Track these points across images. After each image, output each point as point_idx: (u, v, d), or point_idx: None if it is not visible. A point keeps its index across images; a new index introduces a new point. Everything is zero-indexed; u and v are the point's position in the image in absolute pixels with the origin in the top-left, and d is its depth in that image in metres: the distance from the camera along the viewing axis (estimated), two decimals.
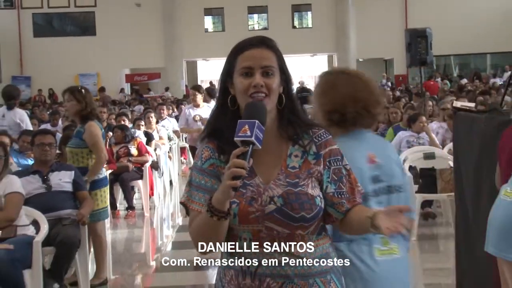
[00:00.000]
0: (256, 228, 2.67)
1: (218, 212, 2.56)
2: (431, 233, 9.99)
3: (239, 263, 2.72)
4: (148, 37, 35.96)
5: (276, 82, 2.72)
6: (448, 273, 7.60)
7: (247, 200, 2.66)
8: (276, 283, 2.68)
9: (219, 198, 2.55)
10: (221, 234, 2.66)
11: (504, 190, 4.08)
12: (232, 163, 2.49)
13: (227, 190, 2.50)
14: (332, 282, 2.75)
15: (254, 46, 2.75)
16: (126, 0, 35.68)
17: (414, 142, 10.86)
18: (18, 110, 12.03)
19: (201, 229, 2.66)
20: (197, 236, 2.69)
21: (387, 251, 3.53)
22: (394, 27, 35.00)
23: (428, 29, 19.08)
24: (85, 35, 36.78)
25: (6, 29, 35.91)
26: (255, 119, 2.55)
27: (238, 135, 2.53)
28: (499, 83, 25.76)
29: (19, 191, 6.71)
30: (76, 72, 36.04)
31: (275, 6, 36.28)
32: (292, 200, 2.65)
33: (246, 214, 2.65)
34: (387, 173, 3.60)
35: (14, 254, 6.25)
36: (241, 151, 2.50)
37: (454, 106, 7.79)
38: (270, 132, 2.73)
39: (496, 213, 4.05)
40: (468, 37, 35.01)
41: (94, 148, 7.86)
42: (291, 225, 2.65)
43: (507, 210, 3.93)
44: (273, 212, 2.65)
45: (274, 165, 2.74)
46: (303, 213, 2.65)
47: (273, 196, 2.67)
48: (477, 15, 34.92)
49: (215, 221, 2.58)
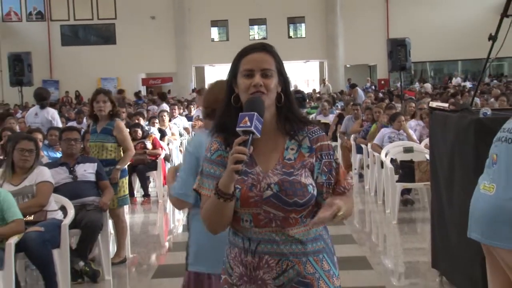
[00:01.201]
0: (255, 211, 2.68)
1: (224, 194, 2.58)
2: (409, 217, 10.00)
3: (242, 243, 2.74)
4: (162, 46, 35.92)
5: (273, 83, 2.73)
6: (424, 252, 7.61)
7: (248, 186, 2.67)
8: (273, 260, 2.69)
9: (224, 182, 2.57)
10: (226, 215, 2.67)
11: (482, 184, 4.03)
12: (234, 149, 2.51)
13: (231, 174, 2.53)
14: (324, 261, 2.76)
15: (255, 50, 2.76)
16: (142, 13, 35.62)
17: (395, 137, 10.89)
18: (49, 109, 12.03)
19: (210, 210, 2.67)
20: (207, 217, 2.71)
21: None
22: (377, 37, 34.97)
23: (407, 38, 19.09)
24: (106, 44, 36.74)
25: (38, 39, 35.96)
26: (254, 112, 2.57)
27: (239, 125, 2.55)
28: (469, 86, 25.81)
29: (49, 180, 6.72)
30: (99, 76, 36.03)
31: (273, 19, 36.24)
32: (287, 187, 2.66)
33: (246, 198, 2.66)
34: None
35: (45, 236, 6.25)
36: (242, 139, 2.52)
37: (430, 106, 7.80)
38: (269, 127, 2.74)
39: (478, 205, 4.01)
40: (442, 46, 34.93)
41: (125, 142, 7.92)
42: (285, 209, 2.65)
43: (489, 203, 3.89)
44: (270, 197, 2.66)
45: (272, 157, 2.75)
46: (296, 199, 2.65)
47: (270, 183, 2.67)
48: (450, 26, 34.82)
49: (221, 202, 2.60)
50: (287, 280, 2.69)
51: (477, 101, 14.03)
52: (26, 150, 6.66)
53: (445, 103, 8.53)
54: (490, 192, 3.91)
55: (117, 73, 36.06)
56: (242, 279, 2.74)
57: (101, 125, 7.85)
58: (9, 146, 6.90)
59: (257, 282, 2.71)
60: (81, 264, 7.13)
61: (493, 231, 3.86)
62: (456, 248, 6.05)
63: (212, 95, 4.20)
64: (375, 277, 7.09)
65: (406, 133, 10.94)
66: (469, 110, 6.40)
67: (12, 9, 36.86)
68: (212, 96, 4.19)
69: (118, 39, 36.58)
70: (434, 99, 17.23)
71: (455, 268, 6.16)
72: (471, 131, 5.53)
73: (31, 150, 6.71)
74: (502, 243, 3.83)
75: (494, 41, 6.54)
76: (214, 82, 4.47)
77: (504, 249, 3.84)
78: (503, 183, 3.86)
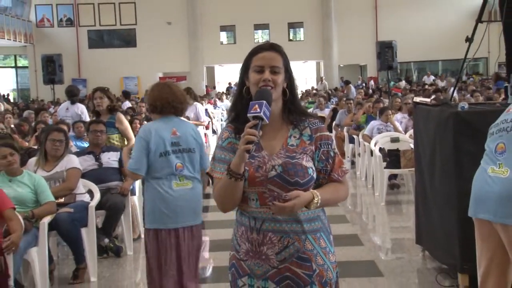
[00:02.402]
0: (261, 190, 2.67)
1: (235, 174, 2.58)
2: (396, 199, 10.00)
3: (248, 222, 2.73)
4: (177, 48, 35.87)
5: (280, 78, 2.73)
6: (409, 230, 7.61)
7: (255, 167, 2.67)
8: (276, 237, 2.68)
9: (236, 162, 2.57)
10: (236, 195, 2.67)
11: (490, 168, 3.91)
12: (246, 132, 2.51)
13: (242, 153, 2.53)
14: (321, 239, 2.75)
15: (265, 49, 2.76)
16: (159, 20, 35.53)
17: (383, 129, 10.89)
18: (79, 105, 11.99)
19: (222, 190, 2.67)
20: (219, 197, 2.70)
21: (182, 184, 4.85)
22: (367, 39, 34.80)
23: (394, 41, 19.02)
24: (127, 47, 36.65)
25: (67, 42, 35.91)
26: (263, 100, 2.57)
27: (250, 112, 2.55)
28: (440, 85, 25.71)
29: (77, 167, 6.73)
30: (121, 76, 36.03)
31: (275, 24, 36.12)
32: (289, 168, 2.66)
33: (253, 178, 2.66)
34: (184, 141, 4.90)
35: (74, 216, 6.27)
36: (253, 123, 2.53)
37: (414, 101, 7.78)
38: (276, 118, 2.74)
39: (488, 187, 3.83)
40: (425, 47, 34.82)
41: (126, 131, 8.06)
42: (287, 188, 2.64)
43: (503, 185, 3.75)
44: (274, 177, 2.66)
45: (277, 143, 2.75)
46: (297, 179, 2.65)
47: (275, 165, 2.67)
48: (432, 30, 34.71)
49: (232, 182, 2.60)
50: (288, 255, 2.68)
51: (455, 96, 13.98)
52: (57, 140, 6.67)
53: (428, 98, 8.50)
54: (504, 175, 3.82)
55: (137, 72, 36.03)
56: (248, 255, 2.74)
57: (104, 119, 7.90)
58: (42, 137, 6.91)
59: (261, 257, 2.70)
60: (106, 241, 7.17)
61: (508, 210, 3.75)
62: (437, 226, 6.05)
63: (155, 94, 4.99)
64: (366, 252, 7.10)
65: (393, 125, 10.97)
66: (448, 104, 6.38)
67: (45, 16, 36.84)
68: (154, 95, 4.99)
69: (138, 42, 36.52)
70: (418, 94, 17.20)
71: (436, 244, 6.16)
72: (450, 122, 5.53)
73: (61, 141, 6.72)
74: None
75: (471, 43, 6.51)
76: (154, 84, 5.25)
77: None
78: None
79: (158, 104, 4.92)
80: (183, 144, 4.91)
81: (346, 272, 6.04)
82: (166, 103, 4.93)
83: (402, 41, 25.17)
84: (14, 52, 38.47)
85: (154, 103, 4.96)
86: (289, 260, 2.68)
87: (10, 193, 5.59)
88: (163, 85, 5.14)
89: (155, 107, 4.97)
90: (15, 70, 39.39)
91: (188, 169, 4.91)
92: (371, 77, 35.92)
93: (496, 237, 3.92)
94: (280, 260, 2.69)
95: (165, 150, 4.83)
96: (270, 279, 2.70)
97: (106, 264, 6.97)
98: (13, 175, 5.92)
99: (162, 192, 4.80)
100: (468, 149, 5.33)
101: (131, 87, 35.12)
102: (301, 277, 2.69)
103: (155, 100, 4.96)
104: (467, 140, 5.39)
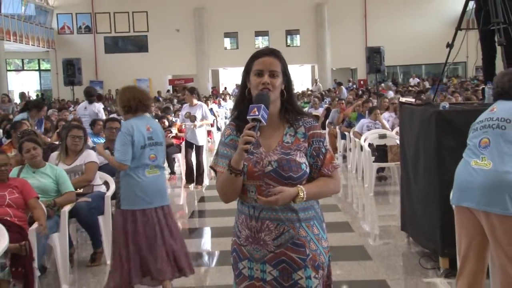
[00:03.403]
0: (258, 183, 2.66)
1: (235, 170, 2.57)
2: (383, 190, 9.99)
3: (248, 210, 2.73)
4: (185, 53, 35.83)
5: (279, 82, 2.71)
6: (395, 218, 7.61)
7: (253, 163, 2.65)
8: (273, 225, 2.67)
9: (235, 159, 2.56)
10: (236, 188, 2.66)
11: (473, 161, 3.91)
12: (245, 133, 2.50)
13: (241, 152, 2.52)
14: (314, 226, 2.73)
15: (265, 54, 2.73)
16: (169, 27, 35.48)
17: (372, 126, 10.90)
18: (96, 104, 12.02)
19: (223, 183, 2.66)
20: (221, 189, 2.69)
21: (152, 172, 5.11)
22: (357, 45, 34.80)
23: (382, 47, 18.98)
24: (140, 52, 36.59)
25: (86, 47, 35.87)
26: (261, 104, 2.56)
27: (249, 114, 2.53)
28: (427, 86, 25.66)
29: (95, 161, 6.73)
30: (134, 78, 35.91)
31: (274, 31, 36.03)
32: (284, 164, 2.64)
33: (252, 172, 2.65)
34: (155, 135, 5.15)
35: (92, 204, 6.28)
36: (251, 125, 2.51)
37: (400, 101, 7.77)
38: (273, 117, 2.72)
39: (472, 178, 3.83)
40: (409, 52, 34.83)
41: None
42: (282, 182, 2.63)
43: (486, 176, 3.74)
44: (270, 172, 2.64)
45: (274, 140, 2.73)
46: (291, 174, 2.63)
47: (271, 161, 2.65)
48: (416, 37, 34.71)
49: (233, 177, 2.59)
50: (284, 241, 2.67)
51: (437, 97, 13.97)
52: (76, 136, 6.67)
53: (412, 99, 8.50)
54: (487, 167, 3.81)
55: (149, 75, 36.02)
56: (247, 240, 2.73)
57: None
58: (63, 134, 6.91)
59: (259, 243, 2.70)
60: None
61: (490, 199, 3.76)
62: (420, 214, 6.05)
63: (127, 96, 5.13)
64: (356, 238, 7.10)
65: (381, 123, 10.98)
66: (431, 104, 6.39)
67: (65, 24, 36.81)
68: (127, 96, 5.13)
69: (149, 48, 36.48)
70: (403, 95, 17.18)
71: (419, 230, 6.16)
72: (433, 120, 5.52)
73: (80, 137, 6.73)
74: (498, 209, 3.73)
75: (451, 48, 6.51)
76: (123, 88, 5.33)
77: (498, 214, 3.74)
78: (498, 160, 3.79)
79: (133, 104, 5.10)
80: (155, 138, 5.18)
81: (338, 256, 6.07)
82: (139, 102, 5.13)
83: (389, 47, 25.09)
84: (37, 57, 38.51)
85: (129, 104, 5.12)
86: (284, 246, 2.67)
87: (34, 183, 5.59)
88: (131, 87, 5.33)
89: (130, 107, 5.13)
90: (38, 73, 39.42)
91: (158, 159, 5.21)
92: (361, 79, 35.89)
93: (475, 223, 3.92)
94: (277, 245, 2.68)
95: (144, 144, 5.10)
96: (268, 263, 2.69)
97: None
98: (37, 167, 5.92)
99: (137, 179, 5.07)
100: (449, 144, 5.34)
101: (144, 88, 35.11)
102: (295, 261, 2.68)
103: (129, 101, 5.12)
104: (448, 136, 5.39)
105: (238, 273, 2.78)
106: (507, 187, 3.74)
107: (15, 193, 5.14)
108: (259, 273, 2.71)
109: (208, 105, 20.23)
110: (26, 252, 4.75)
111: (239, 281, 2.78)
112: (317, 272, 2.70)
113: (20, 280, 4.72)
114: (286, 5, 35.42)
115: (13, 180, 5.34)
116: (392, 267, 5.89)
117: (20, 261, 4.73)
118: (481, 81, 19.66)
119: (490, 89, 6.22)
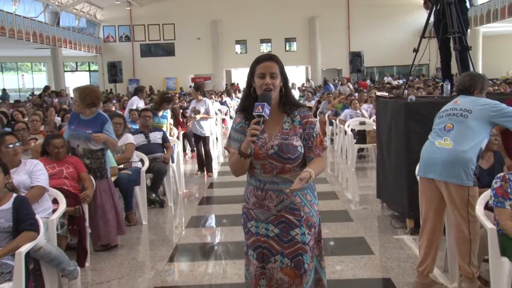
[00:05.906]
0: (263, 163, 2.65)
1: (244, 154, 2.56)
2: (362, 166, 9.97)
3: (255, 183, 2.72)
4: (204, 56, 35.73)
5: (278, 81, 2.68)
6: (372, 188, 7.60)
7: (259, 146, 2.64)
8: (275, 194, 2.66)
9: (244, 146, 2.54)
10: (245, 167, 2.64)
11: (437, 141, 3.87)
12: (251, 127, 2.48)
13: (248, 142, 2.50)
14: (307, 194, 2.72)
15: (266, 60, 2.70)
16: (191, 36, 35.38)
17: (354, 115, 10.85)
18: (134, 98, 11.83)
19: (235, 163, 2.64)
20: (233, 167, 2.67)
21: None
22: (342, 50, 34.74)
23: (362, 52, 18.96)
24: (168, 56, 36.47)
25: (126, 52, 35.84)
26: (264, 102, 2.52)
27: (254, 111, 2.50)
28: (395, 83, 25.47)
29: (133, 142, 6.74)
30: (164, 76, 36.14)
31: (275, 39, 35.81)
32: (283, 147, 2.63)
33: (258, 154, 2.63)
34: None
35: (130, 177, 6.29)
36: (257, 120, 2.48)
37: (376, 94, 7.74)
38: (275, 109, 2.69)
39: (436, 155, 3.79)
40: (384, 56, 34.73)
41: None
42: (282, 162, 2.62)
43: (448, 153, 3.73)
44: (272, 154, 2.63)
45: (275, 127, 2.70)
46: (289, 155, 2.62)
47: (273, 145, 2.64)
48: (389, 43, 34.52)
49: (242, 159, 2.58)
50: (283, 207, 2.67)
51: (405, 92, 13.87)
52: (117, 123, 6.67)
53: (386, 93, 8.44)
54: (449, 147, 3.79)
55: (175, 74, 36.08)
56: (255, 205, 2.73)
57: (160, 113, 8.77)
58: None
59: (264, 208, 2.69)
60: (153, 195, 7.18)
61: (450, 172, 3.74)
62: (392, 185, 6.04)
63: (97, 92, 5.20)
64: (341, 204, 7.09)
65: (361, 112, 10.92)
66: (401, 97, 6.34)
67: (110, 34, 36.72)
68: (97, 93, 5.21)
69: (176, 52, 36.36)
70: (379, 90, 17.10)
71: (391, 198, 6.16)
72: (403, 110, 5.49)
73: (120, 123, 6.73)
74: (456, 180, 3.73)
75: (417, 53, 6.46)
76: (83, 86, 5.31)
77: (456, 184, 3.73)
78: (458, 141, 3.77)
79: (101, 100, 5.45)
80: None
81: (326, 218, 6.10)
82: (97, 99, 5.26)
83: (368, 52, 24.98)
84: (87, 60, 38.55)
85: (87, 102, 5.20)
86: (283, 210, 2.67)
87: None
88: (89, 86, 5.42)
89: (88, 104, 5.22)
90: (89, 73, 39.47)
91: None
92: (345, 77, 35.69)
93: (435, 192, 3.92)
94: (278, 210, 2.67)
95: None
96: (271, 223, 2.70)
97: (154, 212, 6.99)
98: None
99: None
100: (415, 129, 5.31)
101: (171, 85, 35.52)
102: (292, 221, 2.68)
103: (99, 99, 5.28)
104: (414, 123, 5.36)
105: (247, 231, 2.78)
106: (463, 162, 3.72)
107: (70, 168, 5.14)
108: (264, 231, 2.71)
109: (222, 98, 20.22)
110: (79, 214, 4.78)
111: (248, 237, 2.78)
112: (310, 230, 2.70)
113: (75, 236, 4.76)
114: (285, 18, 35.31)
115: (68, 157, 5.34)
116: (369, 227, 5.89)
117: (75, 221, 4.75)
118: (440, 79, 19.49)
119: (448, 85, 6.23)
